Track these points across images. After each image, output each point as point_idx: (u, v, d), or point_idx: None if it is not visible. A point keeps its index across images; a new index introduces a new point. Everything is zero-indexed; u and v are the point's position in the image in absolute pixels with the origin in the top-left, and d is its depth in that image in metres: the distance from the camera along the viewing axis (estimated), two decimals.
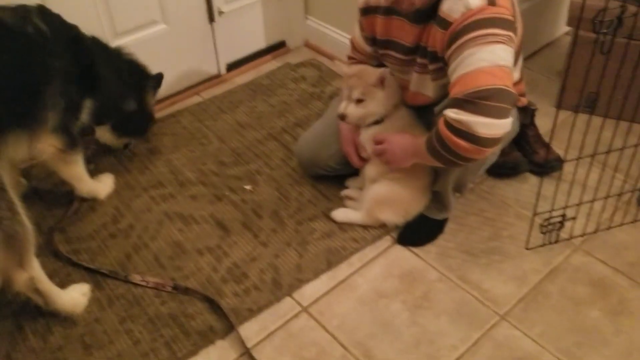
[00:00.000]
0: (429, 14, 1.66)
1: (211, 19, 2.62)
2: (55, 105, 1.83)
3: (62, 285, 1.79)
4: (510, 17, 1.58)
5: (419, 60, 1.78)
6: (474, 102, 1.52)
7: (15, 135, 1.74)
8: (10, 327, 1.76)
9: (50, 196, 2.18)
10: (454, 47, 1.59)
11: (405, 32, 1.78)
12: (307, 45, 3.02)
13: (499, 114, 1.53)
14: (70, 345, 1.71)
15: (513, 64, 1.64)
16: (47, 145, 1.89)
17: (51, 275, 1.75)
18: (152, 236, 2.03)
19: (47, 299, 1.72)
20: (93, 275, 1.89)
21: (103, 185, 2.18)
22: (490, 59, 1.53)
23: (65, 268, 1.92)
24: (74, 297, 1.79)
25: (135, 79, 2.21)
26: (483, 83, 1.52)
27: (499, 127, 1.54)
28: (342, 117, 1.89)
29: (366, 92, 1.84)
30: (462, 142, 1.55)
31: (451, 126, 1.55)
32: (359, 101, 1.85)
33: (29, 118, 1.77)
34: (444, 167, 1.74)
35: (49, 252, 1.95)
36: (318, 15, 2.91)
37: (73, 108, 1.92)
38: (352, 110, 1.87)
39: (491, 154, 1.76)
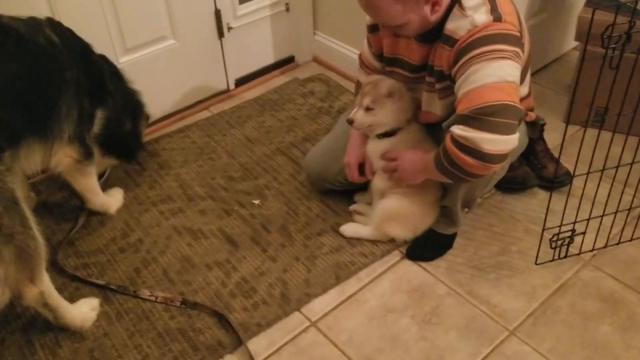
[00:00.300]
0: (435, 34, 1.67)
1: (220, 34, 2.65)
2: (70, 115, 1.84)
3: (72, 298, 1.80)
4: (516, 33, 1.59)
5: (427, 79, 1.79)
6: (480, 118, 1.52)
7: (29, 145, 1.74)
8: (19, 341, 1.76)
9: (59, 210, 2.19)
10: (459, 63, 1.59)
11: (412, 51, 1.79)
12: (316, 60, 3.04)
13: (505, 130, 1.53)
14: (79, 359, 1.71)
15: (520, 80, 1.64)
16: (64, 157, 1.90)
17: (60, 289, 1.76)
18: (161, 251, 2.03)
19: (57, 313, 1.72)
20: (102, 289, 1.90)
21: (114, 200, 2.19)
22: (497, 75, 1.53)
23: (74, 281, 1.92)
24: (83, 311, 1.80)
25: (132, 101, 2.22)
26: (488, 99, 1.52)
27: (505, 143, 1.54)
28: (350, 121, 1.89)
29: (376, 101, 1.85)
30: (468, 159, 1.55)
31: (457, 143, 1.56)
32: (369, 109, 1.86)
33: (45, 128, 1.78)
34: (453, 182, 1.74)
35: (55, 269, 1.96)
36: (326, 30, 2.93)
37: (87, 118, 1.93)
38: (360, 117, 1.87)
39: (499, 169, 1.76)
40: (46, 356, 1.72)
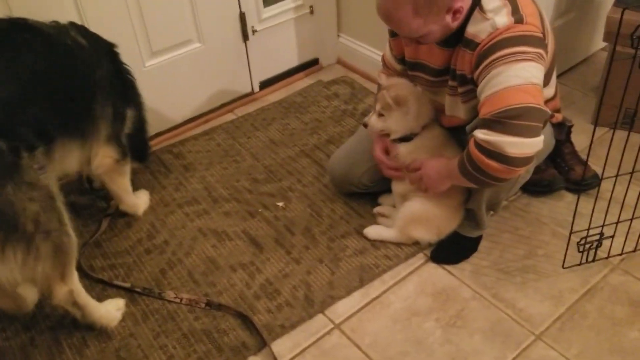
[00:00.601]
0: (456, 37, 1.66)
1: (245, 37, 2.66)
2: (105, 114, 1.86)
3: (99, 299, 1.82)
4: (539, 34, 1.57)
5: (450, 82, 1.78)
6: (503, 121, 1.50)
7: (65, 146, 1.75)
8: (47, 340, 1.79)
9: (86, 212, 2.22)
10: (481, 67, 1.58)
11: (433, 55, 1.78)
12: (340, 62, 3.04)
13: (529, 133, 1.51)
14: (105, 359, 1.73)
15: (545, 81, 1.62)
16: (104, 157, 1.92)
17: (87, 289, 1.78)
18: (186, 252, 2.05)
19: (84, 311, 1.74)
20: (127, 290, 1.92)
21: (141, 202, 2.22)
22: (519, 77, 1.52)
23: (99, 283, 1.95)
24: (110, 311, 1.82)
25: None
26: (511, 102, 1.50)
27: (529, 146, 1.52)
28: (365, 125, 1.92)
29: (385, 108, 1.85)
30: (492, 163, 1.54)
31: (481, 147, 1.54)
32: (381, 115, 1.87)
33: (80, 128, 1.79)
34: (478, 188, 1.73)
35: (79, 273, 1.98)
36: (350, 32, 2.93)
37: (120, 117, 1.96)
38: (373, 122, 1.90)
39: (525, 172, 1.74)
40: (74, 356, 1.75)
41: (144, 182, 2.35)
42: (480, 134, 1.54)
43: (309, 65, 3.00)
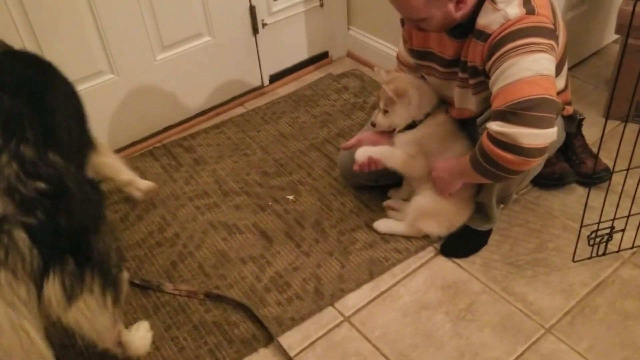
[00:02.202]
0: (467, 29, 1.66)
1: (255, 30, 2.66)
2: None
3: None
4: (550, 26, 1.56)
5: (460, 74, 1.77)
6: (517, 113, 1.50)
7: None
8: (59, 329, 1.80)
9: None
10: (494, 58, 1.57)
11: (444, 45, 1.77)
12: (350, 55, 3.04)
13: (543, 124, 1.51)
14: None
15: (556, 73, 1.61)
16: None
17: None
18: (197, 245, 2.06)
19: (125, 348, 1.66)
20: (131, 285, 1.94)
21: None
22: (532, 69, 1.51)
23: None
24: (142, 336, 1.76)
25: None
26: (525, 94, 1.50)
27: (543, 137, 1.52)
28: (373, 124, 1.93)
29: (388, 104, 1.85)
30: (507, 155, 1.53)
31: (495, 139, 1.54)
32: (385, 111, 1.87)
33: None
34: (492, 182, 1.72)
35: None
36: (360, 25, 2.92)
37: None
38: (380, 120, 1.91)
39: (536, 165, 1.74)
40: (86, 347, 1.76)
41: (155, 175, 2.37)
42: (495, 126, 1.54)
43: (319, 58, 3.00)
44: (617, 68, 1.64)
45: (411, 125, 1.90)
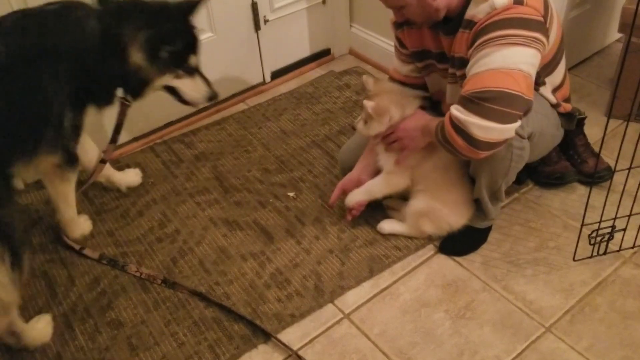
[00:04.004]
0: (458, 24, 1.66)
1: (257, 27, 2.66)
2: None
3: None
4: (538, 18, 1.55)
5: (449, 70, 1.78)
6: (477, 102, 1.51)
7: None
8: (60, 327, 1.81)
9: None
10: (475, 45, 1.58)
11: (438, 42, 1.79)
12: (352, 53, 3.03)
13: (500, 118, 1.51)
14: (117, 346, 1.75)
15: (548, 69, 1.61)
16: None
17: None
18: (198, 241, 2.06)
19: (19, 338, 1.70)
20: (140, 278, 1.94)
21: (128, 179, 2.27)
22: (504, 62, 1.51)
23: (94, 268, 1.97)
24: (40, 328, 1.77)
25: None
26: (491, 84, 1.50)
27: (497, 131, 1.52)
28: (353, 127, 1.94)
29: (368, 117, 1.85)
30: (459, 140, 1.56)
31: (452, 122, 1.57)
32: (365, 121, 1.87)
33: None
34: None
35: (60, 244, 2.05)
36: (363, 23, 2.92)
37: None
38: (360, 127, 1.90)
39: (517, 157, 1.73)
40: (86, 342, 1.77)
41: (156, 171, 2.37)
42: (454, 110, 1.56)
43: (321, 55, 2.99)
44: (619, 67, 1.64)
45: None
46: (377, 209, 2.11)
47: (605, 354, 1.66)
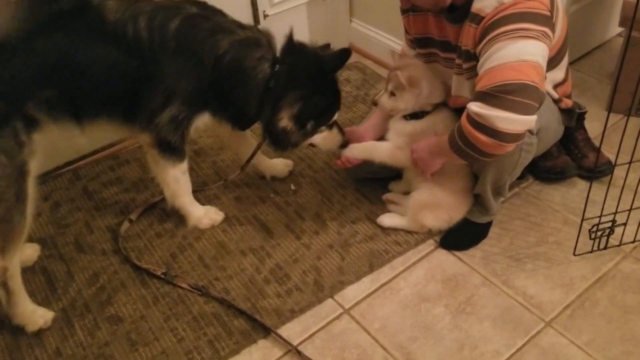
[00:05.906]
0: (464, 13, 1.66)
1: (256, 22, 2.65)
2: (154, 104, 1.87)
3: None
4: (545, 12, 1.55)
5: (456, 60, 1.77)
6: (498, 96, 1.50)
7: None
8: (60, 321, 1.81)
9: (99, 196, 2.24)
10: (484, 41, 1.57)
11: (443, 30, 1.78)
12: (352, 47, 3.00)
13: (523, 110, 1.50)
14: (117, 341, 1.75)
15: (550, 63, 1.60)
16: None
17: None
18: (197, 236, 2.06)
19: (11, 298, 1.70)
20: (139, 274, 1.93)
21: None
22: (519, 55, 1.51)
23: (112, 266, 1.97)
24: (36, 313, 1.77)
25: None
26: (508, 77, 1.50)
27: (521, 123, 1.52)
28: (375, 102, 1.92)
29: (397, 88, 1.84)
30: (482, 137, 1.54)
31: (472, 120, 1.55)
32: (392, 94, 1.86)
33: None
34: (466, 162, 1.75)
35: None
36: (363, 18, 2.91)
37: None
38: (384, 101, 1.89)
39: (525, 153, 1.74)
40: (85, 337, 1.77)
41: None
42: (474, 107, 1.54)
43: None
44: (620, 61, 1.63)
45: (417, 115, 1.88)
46: (377, 204, 2.11)
47: (605, 348, 1.66)
